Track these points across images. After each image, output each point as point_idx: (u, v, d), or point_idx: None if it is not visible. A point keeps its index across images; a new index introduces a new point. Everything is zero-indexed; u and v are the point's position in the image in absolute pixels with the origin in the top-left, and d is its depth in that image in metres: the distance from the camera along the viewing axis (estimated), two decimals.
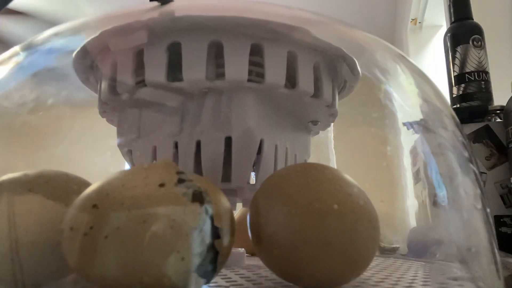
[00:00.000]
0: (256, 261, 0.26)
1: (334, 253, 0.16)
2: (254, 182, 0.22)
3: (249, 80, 0.20)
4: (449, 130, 0.24)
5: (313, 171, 0.18)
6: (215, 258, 0.14)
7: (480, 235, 0.22)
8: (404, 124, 0.26)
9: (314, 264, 0.16)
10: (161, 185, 0.14)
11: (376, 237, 0.17)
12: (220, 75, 0.20)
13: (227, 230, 0.15)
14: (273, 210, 0.17)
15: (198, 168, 0.20)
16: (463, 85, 0.53)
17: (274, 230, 0.16)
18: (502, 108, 0.48)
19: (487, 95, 0.52)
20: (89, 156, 0.23)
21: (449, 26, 0.56)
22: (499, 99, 0.52)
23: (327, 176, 0.17)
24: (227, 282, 0.20)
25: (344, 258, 0.16)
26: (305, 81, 0.21)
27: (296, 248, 0.16)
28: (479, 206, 0.22)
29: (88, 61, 0.23)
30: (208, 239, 0.14)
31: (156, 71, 0.20)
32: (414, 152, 0.26)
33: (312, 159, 0.25)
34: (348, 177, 0.18)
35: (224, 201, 0.16)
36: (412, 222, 0.28)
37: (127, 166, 0.23)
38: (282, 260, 0.17)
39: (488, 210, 0.22)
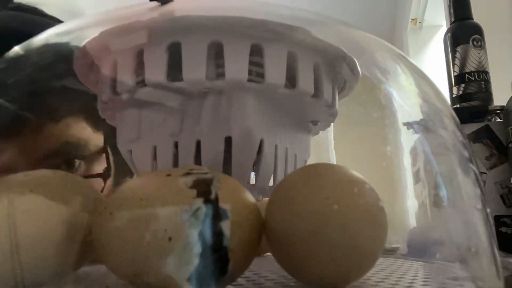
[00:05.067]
0: (256, 261, 0.26)
1: (335, 253, 0.16)
2: (254, 182, 0.22)
3: (249, 80, 0.20)
4: (449, 130, 0.24)
5: (316, 171, 0.18)
6: (224, 255, 0.14)
7: (480, 235, 0.22)
8: (404, 124, 0.26)
9: (313, 264, 0.16)
10: (168, 175, 0.15)
11: (379, 238, 0.17)
12: (220, 75, 0.20)
13: (242, 227, 0.15)
14: (278, 211, 0.17)
15: None
16: (463, 85, 0.53)
17: (277, 230, 0.16)
18: (502, 108, 0.48)
19: (487, 95, 0.52)
20: None
21: (449, 26, 0.56)
22: (499, 99, 0.52)
23: (330, 176, 0.17)
24: None
25: (345, 259, 0.16)
26: (305, 81, 0.21)
27: (296, 248, 0.16)
28: (479, 206, 0.22)
29: (88, 61, 0.23)
30: (211, 230, 0.14)
31: (156, 71, 0.20)
32: (414, 152, 0.26)
33: (312, 159, 0.25)
34: (353, 174, 0.17)
35: (247, 199, 0.16)
36: (412, 222, 0.28)
37: None
38: (285, 258, 0.17)
39: (488, 210, 0.22)
